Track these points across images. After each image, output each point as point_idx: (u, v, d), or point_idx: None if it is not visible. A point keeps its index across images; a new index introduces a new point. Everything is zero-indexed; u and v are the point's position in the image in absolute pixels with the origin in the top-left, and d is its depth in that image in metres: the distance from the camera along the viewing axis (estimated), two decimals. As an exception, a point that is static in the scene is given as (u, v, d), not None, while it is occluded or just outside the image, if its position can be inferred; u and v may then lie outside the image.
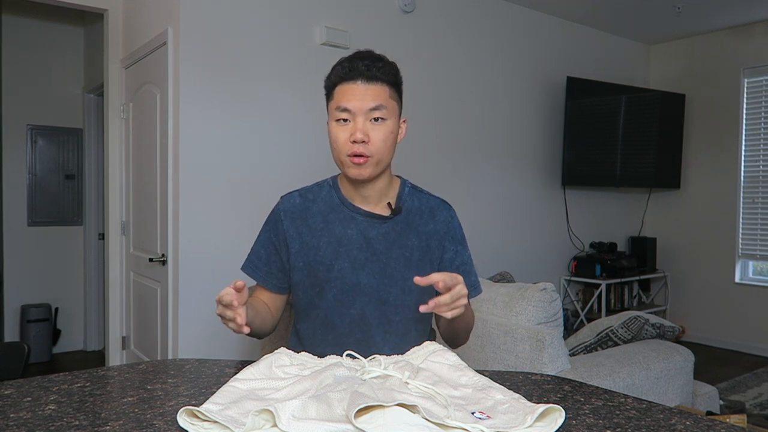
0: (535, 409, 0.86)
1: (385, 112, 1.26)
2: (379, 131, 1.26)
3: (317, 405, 0.82)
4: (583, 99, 4.68)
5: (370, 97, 1.25)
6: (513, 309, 2.10)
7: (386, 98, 1.27)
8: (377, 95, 1.25)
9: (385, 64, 1.28)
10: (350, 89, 1.25)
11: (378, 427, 0.76)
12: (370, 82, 1.25)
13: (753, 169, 4.89)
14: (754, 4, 4.38)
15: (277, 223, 1.39)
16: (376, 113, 1.25)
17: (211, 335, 3.00)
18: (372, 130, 1.26)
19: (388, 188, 1.37)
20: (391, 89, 1.29)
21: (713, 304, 5.06)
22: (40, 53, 4.52)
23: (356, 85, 1.25)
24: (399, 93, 1.33)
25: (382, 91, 1.27)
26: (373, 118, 1.26)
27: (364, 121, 1.25)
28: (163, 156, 3.04)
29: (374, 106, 1.25)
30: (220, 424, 0.81)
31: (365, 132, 1.25)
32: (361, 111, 1.25)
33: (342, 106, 1.25)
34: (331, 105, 1.30)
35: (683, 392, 2.22)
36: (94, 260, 4.69)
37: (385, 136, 1.27)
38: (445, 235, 1.39)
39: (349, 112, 1.25)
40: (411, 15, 3.76)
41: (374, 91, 1.25)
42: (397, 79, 1.31)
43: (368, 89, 1.25)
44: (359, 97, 1.25)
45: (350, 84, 1.26)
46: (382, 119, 1.26)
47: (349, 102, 1.25)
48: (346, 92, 1.26)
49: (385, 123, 1.27)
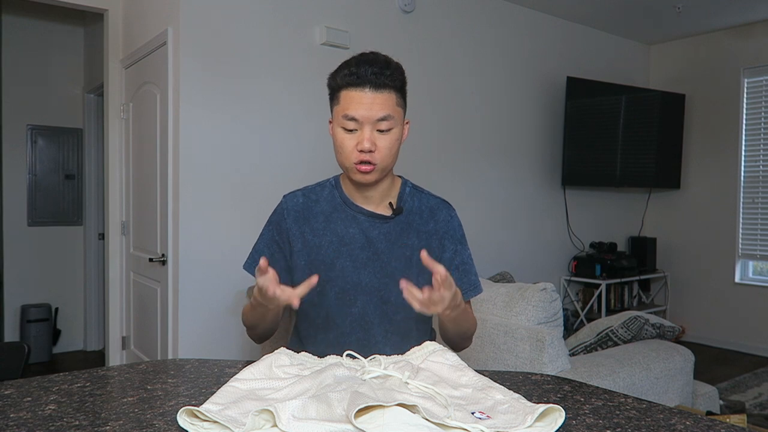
0: (535, 409, 0.86)
1: (392, 122, 1.26)
2: (386, 140, 1.26)
3: (317, 405, 0.82)
4: (583, 99, 4.68)
5: (378, 107, 1.24)
6: (513, 309, 2.10)
7: (393, 106, 1.26)
8: (385, 104, 1.24)
9: (393, 70, 1.26)
10: (358, 97, 1.24)
11: (378, 427, 0.76)
12: (378, 90, 1.24)
13: (753, 169, 4.89)
14: (754, 4, 4.38)
15: (280, 221, 1.39)
16: (383, 124, 1.25)
17: (211, 335, 3.00)
18: (379, 139, 1.26)
19: (390, 189, 1.38)
20: (397, 96, 1.28)
21: (713, 304, 5.06)
22: (40, 53, 4.52)
23: (364, 93, 1.23)
24: (404, 97, 1.32)
25: (390, 99, 1.25)
26: (380, 129, 1.25)
27: (372, 130, 1.25)
28: (163, 156, 3.04)
29: (382, 117, 1.24)
30: (220, 424, 0.81)
31: (372, 141, 1.24)
32: (368, 120, 1.24)
33: (350, 114, 1.24)
34: (337, 109, 1.29)
35: (683, 392, 2.22)
36: (94, 260, 4.69)
37: (391, 144, 1.27)
38: (445, 234, 1.39)
39: (357, 122, 1.25)
40: (411, 15, 3.76)
41: (382, 100, 1.24)
42: (404, 84, 1.31)
43: (376, 98, 1.24)
44: (367, 106, 1.23)
45: (357, 91, 1.24)
46: (389, 129, 1.26)
47: (357, 111, 1.24)
48: (353, 100, 1.24)
49: (392, 131, 1.27)
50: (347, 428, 0.76)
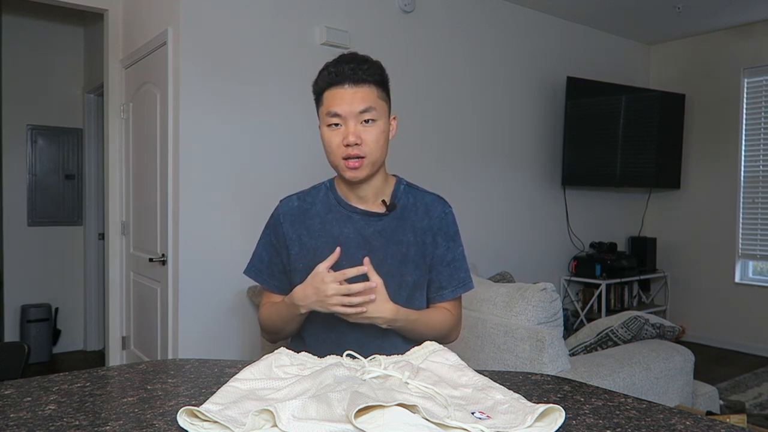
0: (535, 409, 0.85)
1: (374, 113, 1.29)
2: (370, 132, 1.29)
3: (317, 405, 0.82)
4: (583, 99, 4.68)
5: (359, 100, 1.27)
6: (513, 309, 2.10)
7: (375, 99, 1.30)
8: (366, 97, 1.28)
9: (371, 65, 1.30)
10: (338, 93, 1.28)
11: (378, 427, 0.76)
12: (357, 85, 1.27)
13: (753, 169, 4.89)
14: (754, 4, 4.38)
15: (277, 226, 1.42)
16: (366, 115, 1.28)
17: (211, 335, 3.00)
18: (363, 131, 1.28)
19: (384, 187, 1.39)
20: (378, 89, 1.31)
21: (713, 304, 5.06)
22: (40, 53, 4.52)
23: (344, 89, 1.27)
24: (387, 92, 1.35)
25: (370, 92, 1.29)
26: (364, 120, 1.28)
27: (356, 123, 1.28)
28: (163, 156, 3.04)
29: (364, 108, 1.27)
30: (220, 424, 0.81)
31: (357, 134, 1.27)
32: (351, 114, 1.27)
33: (332, 111, 1.28)
34: (321, 110, 1.32)
35: (683, 392, 2.22)
36: (94, 260, 4.69)
37: (376, 137, 1.30)
38: (438, 230, 1.40)
39: (340, 117, 1.28)
40: (411, 15, 3.76)
41: (362, 94, 1.28)
42: (384, 79, 1.34)
43: (356, 92, 1.27)
44: (348, 100, 1.27)
45: (338, 89, 1.28)
46: (372, 120, 1.29)
47: (339, 106, 1.27)
48: (335, 97, 1.28)
49: (376, 124, 1.30)
50: (347, 428, 0.76)
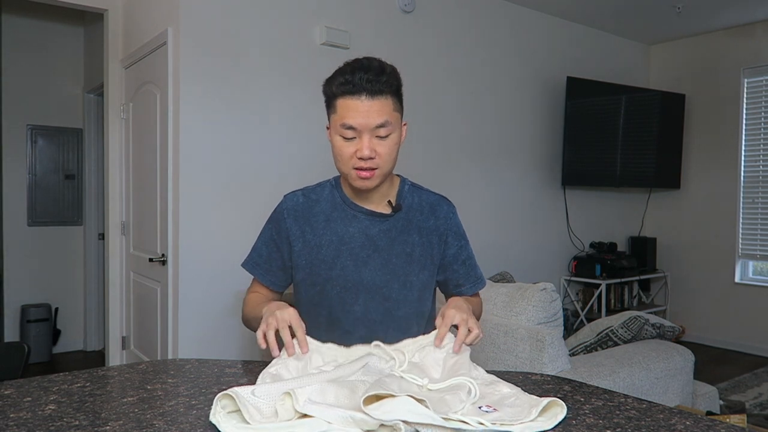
0: (540, 402, 0.90)
1: (390, 127, 1.25)
2: (385, 146, 1.26)
3: (337, 389, 0.88)
4: (583, 99, 4.67)
5: (375, 114, 1.23)
6: (513, 309, 2.10)
7: (390, 112, 1.25)
8: (382, 110, 1.23)
9: (388, 76, 1.25)
10: (354, 105, 1.22)
11: (384, 413, 0.80)
12: (374, 97, 1.22)
13: (753, 169, 4.88)
14: (754, 4, 4.38)
15: (280, 221, 1.40)
16: (382, 131, 1.24)
17: (211, 335, 3.00)
18: (378, 145, 1.25)
19: (389, 188, 1.39)
20: (394, 100, 1.27)
21: (713, 304, 5.06)
22: (40, 53, 4.52)
23: (360, 101, 1.22)
24: (401, 100, 1.32)
25: (386, 104, 1.24)
26: (379, 135, 1.25)
27: (370, 138, 1.24)
28: (163, 156, 3.04)
29: (380, 124, 1.23)
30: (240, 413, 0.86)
31: (372, 148, 1.24)
32: (367, 128, 1.23)
33: (347, 123, 1.23)
34: (334, 117, 1.27)
35: (683, 392, 2.22)
36: (94, 260, 4.69)
37: (390, 149, 1.27)
38: (447, 231, 1.41)
39: (355, 130, 1.24)
40: (411, 15, 3.76)
41: (379, 107, 1.23)
42: (399, 87, 1.30)
43: (373, 105, 1.22)
44: (364, 114, 1.22)
45: (354, 100, 1.22)
46: (387, 135, 1.26)
47: (354, 119, 1.22)
48: (350, 108, 1.23)
49: (390, 137, 1.26)
50: (356, 414, 0.81)
